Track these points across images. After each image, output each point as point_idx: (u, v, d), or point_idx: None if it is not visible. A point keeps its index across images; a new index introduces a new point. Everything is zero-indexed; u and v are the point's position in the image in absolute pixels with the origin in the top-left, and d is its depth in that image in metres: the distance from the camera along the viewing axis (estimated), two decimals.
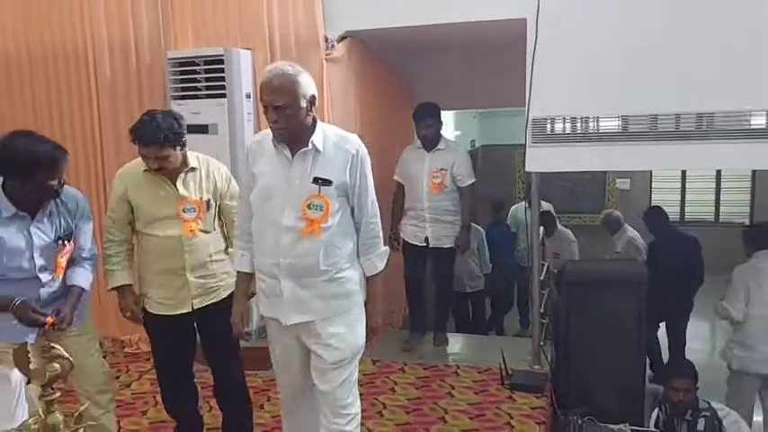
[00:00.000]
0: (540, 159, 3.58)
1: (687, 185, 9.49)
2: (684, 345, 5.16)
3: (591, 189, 9.77)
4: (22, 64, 4.25)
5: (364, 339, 2.27)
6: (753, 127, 3.30)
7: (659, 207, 5.74)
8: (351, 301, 2.23)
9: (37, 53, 4.20)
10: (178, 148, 2.51)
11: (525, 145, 3.54)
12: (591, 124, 3.55)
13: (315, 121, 2.15)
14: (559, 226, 6.12)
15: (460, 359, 4.07)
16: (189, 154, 2.60)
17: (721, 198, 9.43)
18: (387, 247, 2.31)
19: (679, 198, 9.53)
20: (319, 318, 2.18)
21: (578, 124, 3.56)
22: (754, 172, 9.03)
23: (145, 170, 2.54)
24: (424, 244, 4.12)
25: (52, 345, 1.66)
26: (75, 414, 1.69)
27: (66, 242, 2.40)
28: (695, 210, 9.47)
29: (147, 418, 3.24)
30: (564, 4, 3.37)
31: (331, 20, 3.83)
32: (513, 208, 7.14)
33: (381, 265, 2.29)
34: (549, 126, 3.55)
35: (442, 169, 4.03)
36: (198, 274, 2.59)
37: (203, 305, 2.61)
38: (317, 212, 2.12)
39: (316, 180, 2.11)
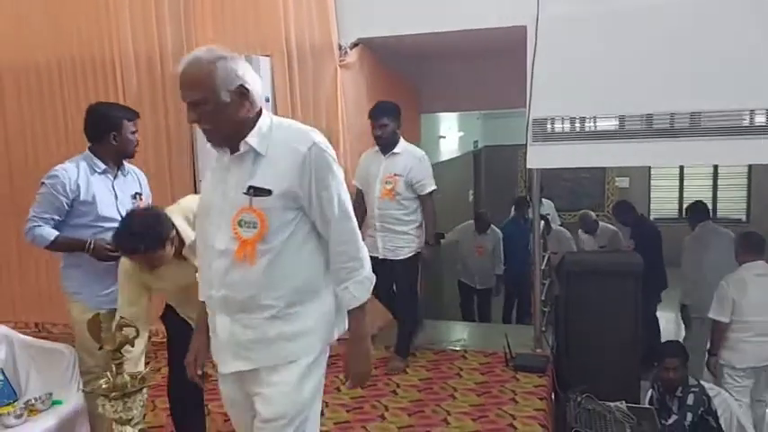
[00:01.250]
0: (541, 157, 3.83)
1: (685, 183, 9.74)
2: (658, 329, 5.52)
3: (591, 188, 10.04)
4: (52, 75, 4.51)
5: (314, 396, 1.87)
6: (742, 125, 3.53)
7: (625, 201, 6.46)
8: (302, 345, 1.81)
9: (66, 65, 4.46)
10: (167, 245, 2.31)
11: (526, 144, 3.80)
12: (589, 124, 3.81)
13: (259, 115, 1.78)
14: (554, 226, 6.41)
15: (467, 344, 4.32)
16: (182, 228, 2.40)
17: (718, 195, 9.68)
18: (370, 273, 1.85)
19: (677, 195, 9.78)
20: (263, 366, 1.80)
21: (577, 124, 3.81)
22: (750, 169, 9.29)
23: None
24: (377, 255, 3.71)
25: (121, 316, 1.94)
26: (139, 376, 1.96)
27: (140, 198, 2.97)
28: None
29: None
30: (561, 14, 3.63)
31: (344, 28, 4.09)
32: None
33: (363, 296, 1.82)
34: (549, 126, 3.80)
35: (395, 175, 3.70)
36: None
37: None
38: (250, 231, 1.72)
39: (249, 189, 1.72)
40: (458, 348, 4.25)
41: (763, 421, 4.15)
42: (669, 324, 5.70)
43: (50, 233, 2.77)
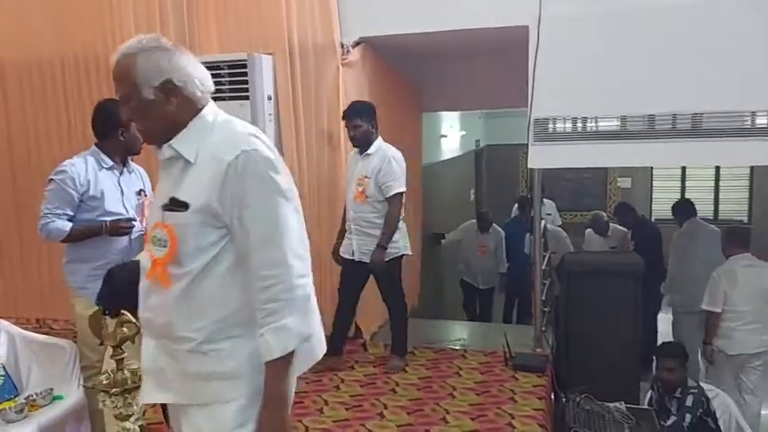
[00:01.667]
0: (542, 156, 3.84)
1: (687, 184, 9.73)
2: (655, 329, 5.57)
3: (593, 188, 10.04)
4: (55, 73, 4.51)
5: None
6: (744, 126, 3.53)
7: (625, 202, 6.61)
8: (226, 388, 1.54)
9: (69, 63, 4.47)
10: None
11: (527, 143, 3.80)
12: (590, 124, 3.81)
13: (198, 113, 1.57)
14: (550, 226, 6.40)
15: (467, 343, 4.33)
16: None
17: (720, 196, 9.67)
18: (298, 322, 1.50)
19: (679, 196, 9.76)
20: (181, 402, 1.61)
21: (578, 124, 3.82)
22: (752, 171, 9.28)
23: None
24: (353, 257, 3.78)
25: (122, 312, 1.95)
26: (140, 372, 1.97)
27: (144, 195, 3.01)
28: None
29: None
30: (563, 14, 3.63)
31: (346, 27, 4.09)
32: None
33: (279, 349, 1.48)
34: (550, 126, 3.80)
35: (365, 176, 3.66)
36: None
37: None
38: (161, 250, 1.53)
39: (168, 202, 1.55)
40: (457, 347, 4.26)
41: (758, 416, 4.18)
42: (667, 326, 5.70)
43: (65, 225, 2.85)
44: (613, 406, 3.57)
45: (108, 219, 2.89)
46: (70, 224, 2.86)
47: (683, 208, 5.69)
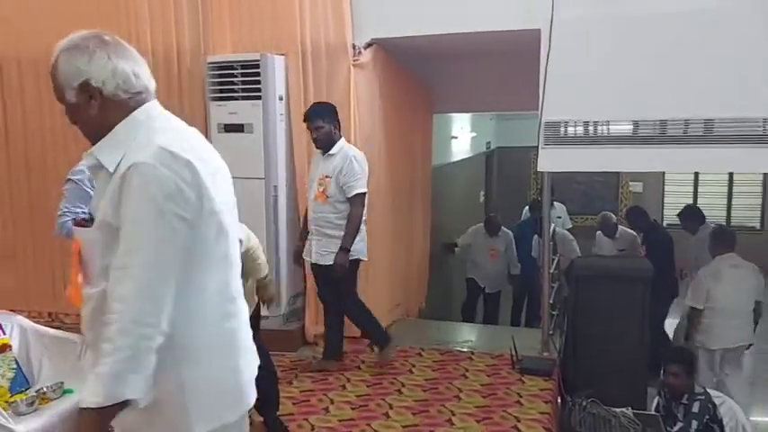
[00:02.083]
0: (552, 160, 3.83)
1: (699, 189, 9.67)
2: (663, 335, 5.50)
3: (604, 192, 10.00)
4: None
5: None
6: (756, 133, 3.51)
7: (638, 206, 6.51)
8: (161, 424, 1.44)
9: None
10: None
11: (537, 146, 3.80)
12: (602, 128, 3.81)
13: (127, 116, 1.44)
14: (558, 230, 6.37)
15: (474, 346, 4.34)
16: None
17: (733, 202, 9.60)
18: (116, 375, 1.27)
19: (692, 201, 9.70)
20: None
21: (590, 128, 3.82)
22: (765, 178, 9.21)
23: None
24: (311, 259, 3.74)
25: None
26: None
27: None
28: (707, 213, 9.62)
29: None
30: (575, 17, 3.63)
31: (359, 28, 4.11)
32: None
33: (89, 398, 1.28)
34: (561, 129, 3.80)
35: (326, 176, 3.59)
36: None
37: None
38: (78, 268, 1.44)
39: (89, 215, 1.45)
40: (464, 349, 4.26)
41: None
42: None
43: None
44: (620, 411, 3.56)
45: None
46: None
47: (694, 214, 5.68)
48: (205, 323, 1.43)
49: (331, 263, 3.58)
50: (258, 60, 3.98)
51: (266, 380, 3.04)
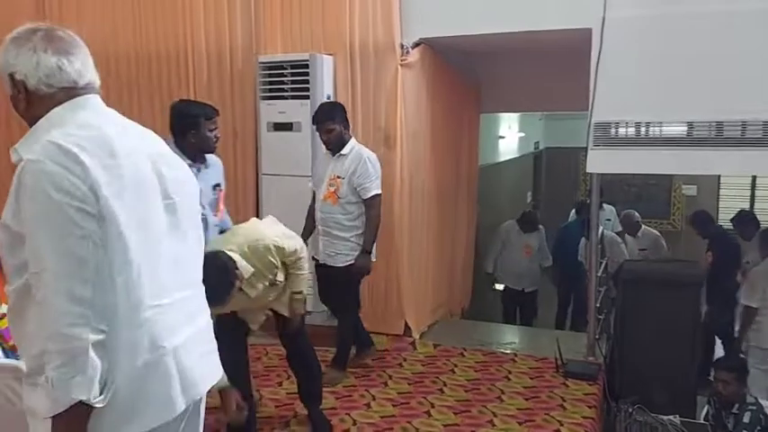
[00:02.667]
0: (602, 161, 3.77)
1: (757, 193, 9.31)
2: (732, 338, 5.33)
3: (657, 194, 9.73)
4: (129, 66, 4.76)
5: None
6: None
7: (704, 211, 6.28)
8: None
9: (143, 57, 4.71)
10: (234, 288, 2.34)
11: (587, 147, 3.74)
12: (654, 129, 3.71)
13: (49, 112, 1.39)
14: (606, 232, 6.20)
15: (518, 348, 4.30)
16: (241, 264, 2.45)
17: None
18: (62, 379, 1.23)
19: (748, 205, 9.35)
20: None
21: (642, 129, 3.73)
22: None
23: None
24: (318, 258, 3.69)
25: None
26: None
27: (220, 189, 3.13)
28: (764, 218, 9.28)
29: (283, 388, 3.60)
30: (628, 16, 3.55)
31: (407, 28, 4.12)
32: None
33: (45, 403, 1.26)
34: (612, 130, 3.73)
35: (338, 177, 3.52)
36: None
37: None
38: None
39: None
40: (508, 351, 4.23)
41: None
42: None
43: None
44: (667, 419, 3.49)
45: None
46: None
47: (748, 220, 5.54)
48: (119, 323, 1.32)
49: (338, 265, 3.56)
50: (307, 60, 4.05)
51: (309, 375, 3.11)
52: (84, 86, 1.43)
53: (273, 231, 2.75)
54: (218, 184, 3.18)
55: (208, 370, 1.58)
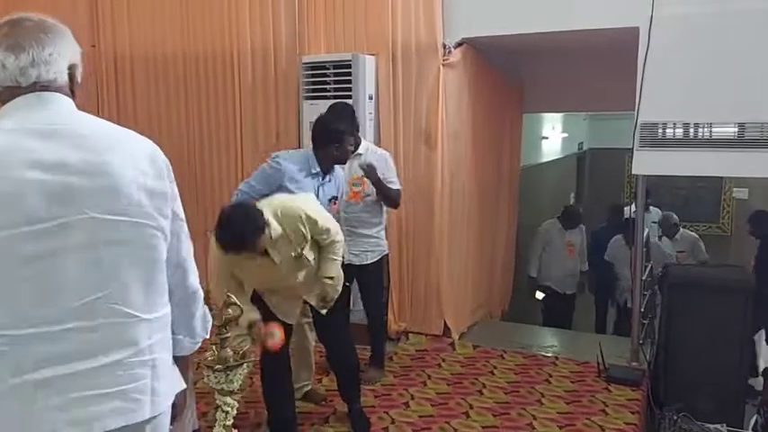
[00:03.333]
0: (648, 163, 3.69)
1: None
2: None
3: (706, 197, 9.46)
4: (177, 66, 4.89)
5: None
6: None
7: (764, 211, 5.99)
8: None
9: (190, 57, 4.82)
10: (260, 236, 2.51)
11: (632, 148, 3.67)
12: (703, 130, 3.62)
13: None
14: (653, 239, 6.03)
15: (559, 351, 4.24)
16: (270, 222, 2.58)
17: None
18: None
19: None
20: None
21: (690, 130, 3.64)
22: None
23: None
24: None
25: (228, 294, 2.10)
26: (241, 351, 2.12)
27: (335, 202, 3.21)
28: None
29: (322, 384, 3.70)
30: (676, 14, 3.47)
31: (449, 28, 4.11)
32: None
33: None
34: (659, 131, 3.65)
35: (362, 176, 3.49)
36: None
37: None
38: None
39: None
40: (549, 354, 4.18)
41: None
42: None
43: None
44: (714, 428, 3.40)
45: None
46: None
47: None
48: None
49: (366, 262, 3.59)
50: (350, 60, 4.08)
51: (348, 373, 3.14)
52: (31, 86, 1.32)
53: (310, 206, 2.79)
54: (334, 197, 3.24)
55: (104, 410, 1.31)
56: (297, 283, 2.82)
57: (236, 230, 2.46)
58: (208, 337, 1.63)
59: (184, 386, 1.61)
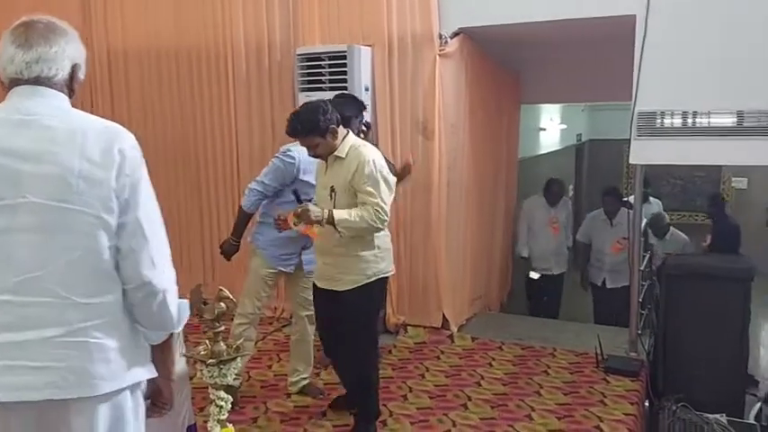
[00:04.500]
0: (646, 152, 3.66)
1: None
2: None
3: (705, 187, 9.43)
4: (170, 60, 4.86)
5: None
6: None
7: (719, 193, 6.51)
8: None
9: (183, 51, 4.79)
10: (328, 136, 2.70)
11: (630, 138, 3.64)
12: (701, 119, 3.59)
13: None
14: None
15: (557, 342, 4.21)
16: (345, 144, 2.76)
17: None
18: None
19: None
20: None
21: (689, 118, 3.61)
22: None
23: None
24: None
25: (220, 288, 2.08)
26: (234, 345, 2.10)
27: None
28: None
29: (272, 371, 3.72)
30: (674, 1, 3.44)
31: (446, 18, 4.07)
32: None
33: None
34: (657, 120, 3.62)
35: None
36: (324, 260, 2.87)
37: (326, 288, 2.86)
38: None
39: None
40: (547, 345, 4.16)
41: None
42: None
43: (253, 205, 3.15)
44: (713, 418, 3.39)
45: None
46: (254, 209, 3.17)
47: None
48: None
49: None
50: (345, 51, 4.04)
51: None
52: (32, 79, 1.47)
53: (379, 161, 2.76)
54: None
55: (27, 381, 1.38)
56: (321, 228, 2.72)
57: (297, 119, 2.70)
58: (177, 331, 1.61)
59: (151, 375, 1.60)
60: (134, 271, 1.49)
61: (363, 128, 3.32)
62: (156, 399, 1.71)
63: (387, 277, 2.95)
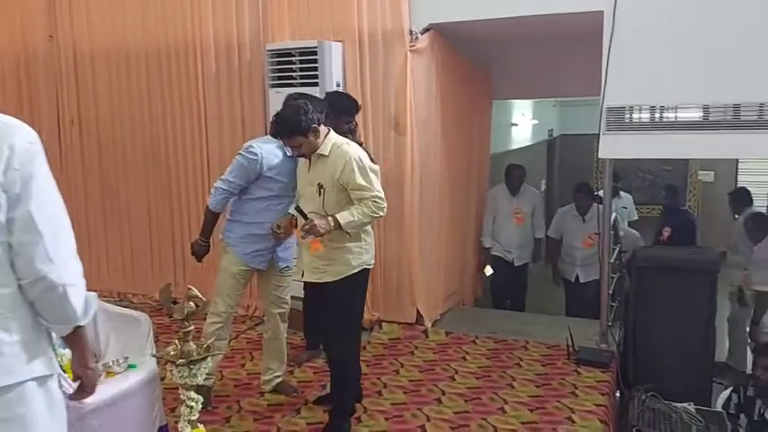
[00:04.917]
0: (614, 147, 3.71)
1: None
2: None
3: (673, 181, 9.57)
4: (139, 60, 4.78)
5: None
6: None
7: (675, 186, 6.64)
8: None
9: (152, 51, 4.72)
10: (310, 135, 2.73)
11: (599, 133, 3.69)
12: (669, 113, 3.65)
13: None
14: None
15: (529, 335, 4.25)
16: (327, 142, 2.79)
17: None
18: None
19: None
20: None
21: (656, 113, 3.67)
22: None
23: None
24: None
25: (189, 287, 2.05)
26: (205, 345, 2.08)
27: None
28: None
29: (245, 369, 3.69)
30: None
31: (416, 14, 4.07)
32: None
33: None
34: (626, 115, 3.67)
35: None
36: (311, 253, 2.85)
37: (311, 281, 2.91)
38: None
39: None
40: (519, 338, 4.19)
41: None
42: None
43: (219, 203, 3.11)
44: (681, 406, 3.45)
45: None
46: (220, 208, 3.14)
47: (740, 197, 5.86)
48: None
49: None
50: (316, 47, 4.02)
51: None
52: None
53: (364, 158, 2.80)
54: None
55: None
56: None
57: (284, 115, 2.76)
58: (81, 324, 1.60)
59: (54, 370, 1.60)
60: (27, 266, 1.47)
61: (351, 126, 3.29)
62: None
63: (369, 269, 2.98)
